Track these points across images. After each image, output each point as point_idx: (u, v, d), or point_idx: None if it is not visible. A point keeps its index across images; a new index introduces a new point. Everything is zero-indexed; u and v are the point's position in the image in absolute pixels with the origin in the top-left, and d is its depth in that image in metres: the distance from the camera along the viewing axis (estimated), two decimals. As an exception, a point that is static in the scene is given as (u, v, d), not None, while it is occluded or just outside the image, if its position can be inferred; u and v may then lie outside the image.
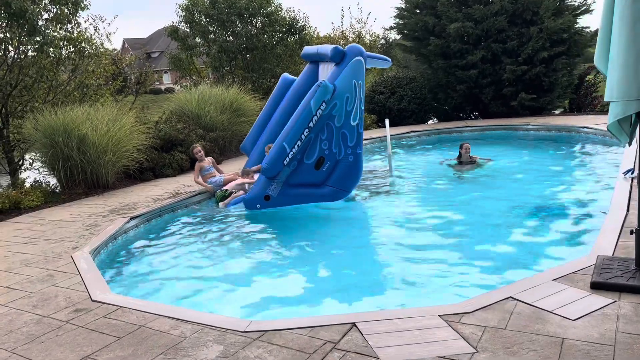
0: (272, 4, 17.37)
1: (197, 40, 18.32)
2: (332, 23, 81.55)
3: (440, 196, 7.73)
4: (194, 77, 19.58)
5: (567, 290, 3.55)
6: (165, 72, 51.47)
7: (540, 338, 3.00)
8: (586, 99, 16.28)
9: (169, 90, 41.90)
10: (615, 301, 3.33)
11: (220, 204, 7.67)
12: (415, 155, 11.49)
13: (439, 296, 4.27)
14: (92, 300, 4.23)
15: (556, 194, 7.14)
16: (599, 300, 3.36)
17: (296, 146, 7.01)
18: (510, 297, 3.54)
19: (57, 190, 9.25)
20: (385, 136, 9.59)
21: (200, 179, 8.27)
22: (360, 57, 7.36)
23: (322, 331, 3.32)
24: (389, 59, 8.52)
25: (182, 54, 18.67)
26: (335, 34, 23.33)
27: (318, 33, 21.58)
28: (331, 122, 7.20)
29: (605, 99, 3.44)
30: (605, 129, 11.19)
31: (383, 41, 39.74)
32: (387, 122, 9.81)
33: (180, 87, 19.76)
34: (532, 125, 12.69)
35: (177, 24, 17.95)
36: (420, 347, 3.04)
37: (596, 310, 3.23)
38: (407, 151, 12.01)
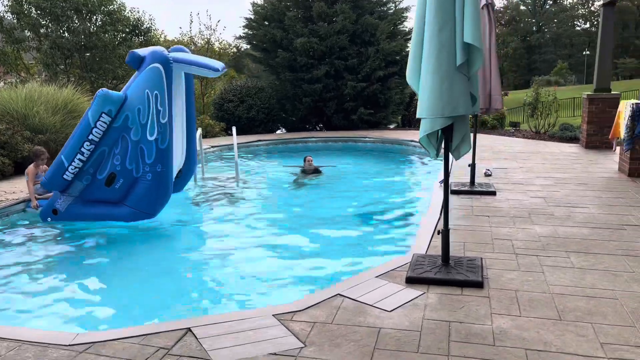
0: (115, 2, 16.46)
1: (27, 33, 16.60)
2: (180, 28, 79.40)
3: (282, 202, 8.02)
4: (21, 74, 17.67)
5: (387, 285, 3.96)
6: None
7: (361, 329, 3.31)
8: (416, 115, 18.10)
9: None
10: (424, 293, 3.80)
11: (32, 205, 7.16)
12: (263, 164, 11.73)
13: (277, 297, 4.45)
14: None
15: (386, 200, 7.85)
16: (412, 292, 3.81)
17: (77, 160, 6.34)
18: (338, 294, 3.84)
19: None
20: (233, 144, 9.70)
21: (32, 187, 7.44)
22: (157, 65, 6.36)
23: (155, 338, 3.28)
24: (217, 68, 6.75)
25: (7, 48, 16.76)
26: (184, 39, 22.76)
27: (165, 36, 20.86)
28: (127, 135, 6.40)
29: (417, 116, 3.94)
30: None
31: (235, 50, 39.66)
32: (233, 130, 9.90)
33: (4, 83, 17.67)
34: (369, 137, 13.73)
35: (1, 14, 16.08)
36: (253, 346, 3.17)
37: (408, 301, 3.66)
38: (255, 159, 12.22)
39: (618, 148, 8.19)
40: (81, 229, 6.56)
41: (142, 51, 6.61)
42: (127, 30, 16.70)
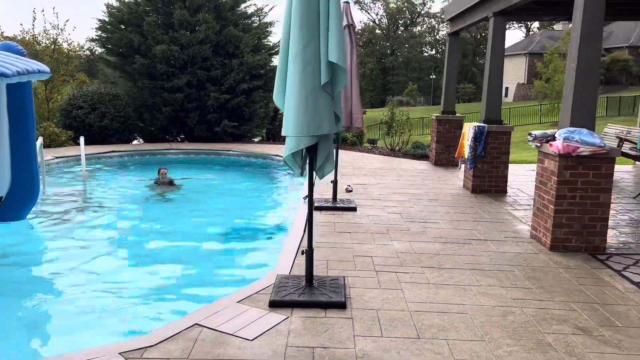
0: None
1: None
2: (22, 24, 72.14)
3: (134, 220, 7.41)
4: None
5: (249, 311, 3.75)
6: None
7: (220, 362, 3.06)
8: (280, 130, 18.25)
9: None
10: (288, 317, 3.66)
11: None
12: (116, 177, 10.84)
13: (126, 331, 4.00)
14: None
15: (250, 217, 7.64)
16: (274, 317, 3.65)
17: None
18: (196, 323, 3.54)
19: None
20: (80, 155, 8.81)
21: None
22: None
23: (-32, 394, 2.71)
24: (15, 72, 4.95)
25: None
26: (25, 37, 20.42)
27: (2, 32, 18.54)
28: None
29: (282, 134, 3.83)
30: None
31: (88, 52, 36.59)
32: (81, 140, 9.01)
33: None
34: (234, 151, 13.45)
35: None
36: (94, 393, 2.76)
37: (271, 328, 3.49)
38: (108, 172, 11.25)
39: (463, 166, 8.93)
40: None
41: None
42: (-47, 21, 14.52)
